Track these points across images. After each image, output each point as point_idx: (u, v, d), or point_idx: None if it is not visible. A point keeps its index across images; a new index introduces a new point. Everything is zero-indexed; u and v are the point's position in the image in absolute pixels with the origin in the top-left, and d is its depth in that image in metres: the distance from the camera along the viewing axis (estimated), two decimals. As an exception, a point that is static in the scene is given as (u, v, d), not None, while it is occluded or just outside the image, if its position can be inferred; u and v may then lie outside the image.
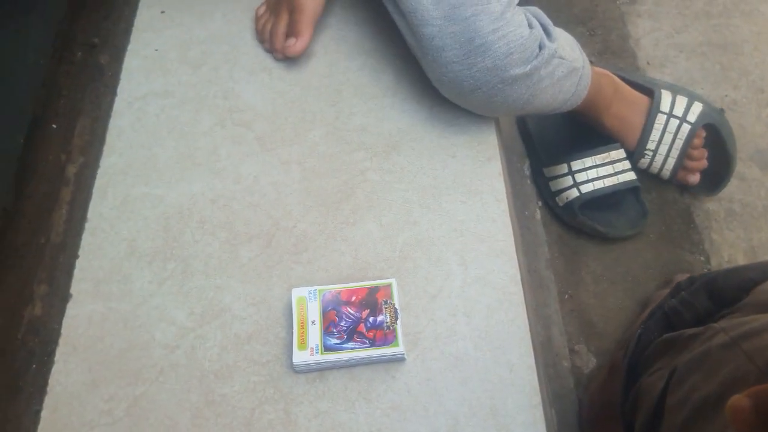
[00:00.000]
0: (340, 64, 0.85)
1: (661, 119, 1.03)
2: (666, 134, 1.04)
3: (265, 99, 0.82)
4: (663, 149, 1.05)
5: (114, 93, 0.84)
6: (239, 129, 0.80)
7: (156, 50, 0.87)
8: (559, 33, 0.76)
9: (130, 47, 0.87)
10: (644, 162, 1.06)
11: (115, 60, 0.90)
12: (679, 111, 1.04)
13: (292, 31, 0.81)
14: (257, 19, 0.87)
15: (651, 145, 1.04)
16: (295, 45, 0.80)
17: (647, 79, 1.09)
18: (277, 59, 0.85)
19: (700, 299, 0.66)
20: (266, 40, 0.85)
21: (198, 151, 0.78)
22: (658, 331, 0.69)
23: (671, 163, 1.05)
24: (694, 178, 1.07)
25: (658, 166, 1.07)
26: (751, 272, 0.62)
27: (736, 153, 1.05)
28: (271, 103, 0.82)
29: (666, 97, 1.04)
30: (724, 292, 0.64)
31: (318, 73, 0.84)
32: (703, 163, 1.06)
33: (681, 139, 1.03)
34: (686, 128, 1.03)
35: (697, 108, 1.04)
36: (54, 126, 0.85)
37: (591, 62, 0.98)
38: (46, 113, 0.85)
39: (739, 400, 0.29)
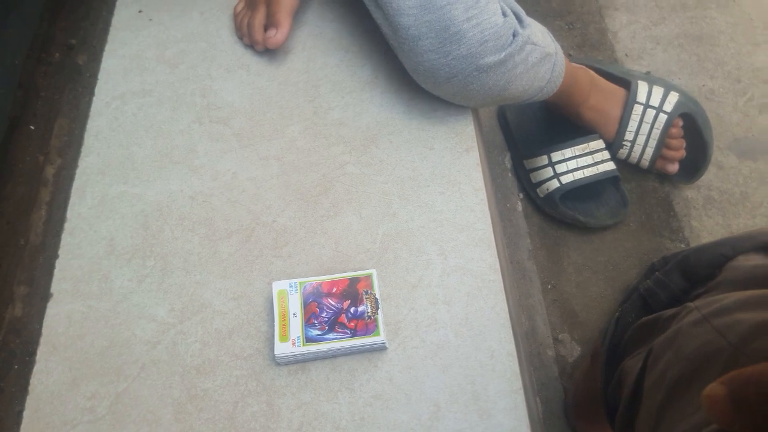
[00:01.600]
0: (318, 59, 0.85)
1: (638, 110, 1.05)
2: (643, 124, 1.05)
3: (243, 96, 0.82)
4: (641, 139, 1.06)
5: (92, 93, 0.84)
6: (217, 126, 0.80)
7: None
8: (530, 20, 0.77)
9: (107, 47, 0.87)
10: (623, 152, 1.08)
11: (92, 60, 0.90)
12: (655, 101, 1.05)
13: (270, 23, 0.82)
14: (235, 16, 0.87)
15: (629, 136, 1.06)
16: (276, 35, 0.81)
17: (624, 71, 1.11)
18: (257, 52, 0.85)
19: (674, 278, 0.67)
20: (245, 34, 0.85)
21: (176, 149, 0.78)
22: (635, 313, 0.70)
23: (649, 152, 1.06)
24: (673, 167, 1.09)
25: (637, 156, 1.08)
26: (722, 248, 0.63)
27: (713, 141, 1.06)
28: (248, 99, 0.82)
29: (642, 88, 1.05)
30: (697, 270, 0.64)
31: (296, 69, 0.84)
32: (681, 153, 1.08)
33: (658, 129, 1.05)
34: (663, 118, 1.05)
35: (673, 98, 1.05)
36: (32, 127, 0.85)
37: (569, 55, 0.99)
38: (24, 114, 0.85)
39: (714, 388, 0.29)
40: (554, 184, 1.03)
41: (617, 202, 1.07)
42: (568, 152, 1.03)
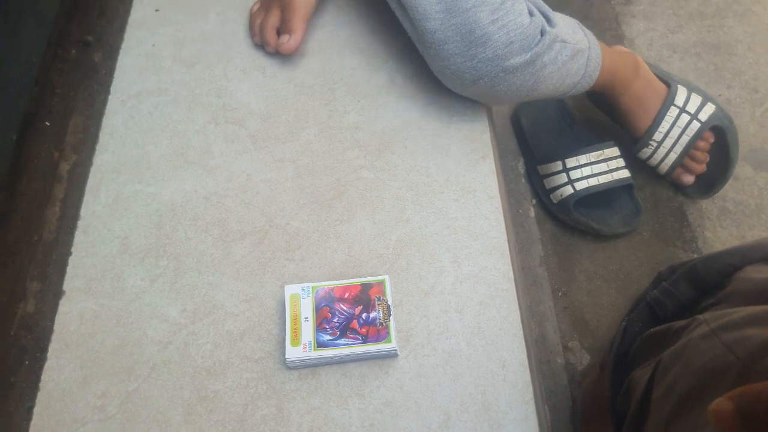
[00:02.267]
0: (334, 62, 0.85)
1: (673, 112, 1.03)
2: (675, 128, 1.03)
3: (258, 97, 0.82)
4: (668, 143, 1.04)
5: (107, 91, 0.84)
6: (232, 127, 0.80)
7: (153, 45, 0.87)
8: (559, 18, 0.76)
9: (124, 45, 0.87)
10: (646, 152, 1.06)
11: (108, 58, 0.90)
12: (692, 108, 1.03)
13: (284, 29, 0.82)
14: (251, 16, 0.87)
15: (657, 136, 1.04)
16: (289, 42, 0.81)
17: (664, 72, 1.08)
18: (268, 53, 0.85)
19: (682, 288, 0.66)
20: (256, 33, 0.85)
21: (191, 149, 0.78)
22: (642, 323, 0.69)
23: (672, 158, 1.05)
24: (689, 179, 1.07)
25: (659, 159, 1.06)
26: (731, 258, 0.62)
27: (737, 161, 1.05)
28: (264, 101, 0.82)
29: (681, 92, 1.03)
30: (706, 279, 0.64)
31: (312, 71, 0.84)
32: (702, 167, 1.07)
33: (688, 136, 1.03)
34: (695, 126, 1.03)
35: (709, 109, 1.04)
36: (47, 123, 0.85)
37: (609, 44, 0.97)
38: (40, 111, 0.85)
39: (721, 403, 0.29)
40: (568, 190, 1.03)
41: (631, 210, 1.06)
42: (583, 158, 1.03)
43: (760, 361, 0.46)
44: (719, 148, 1.06)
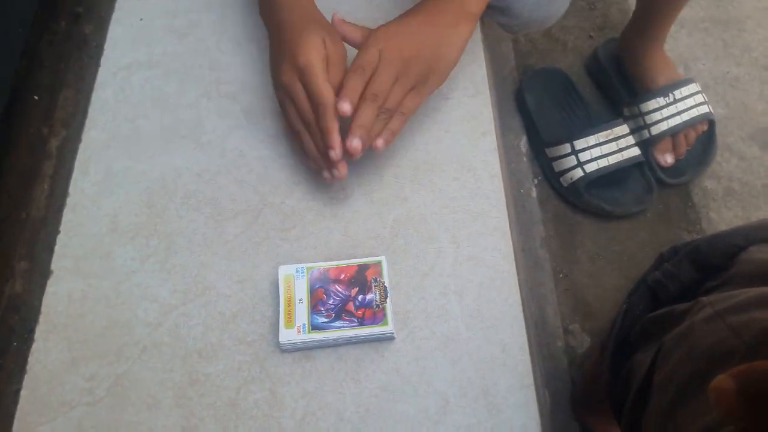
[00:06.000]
0: (331, 35, 0.82)
1: (693, 88, 1.08)
2: (690, 99, 1.07)
3: (253, 70, 0.79)
4: (680, 106, 1.06)
5: (98, 64, 0.81)
6: (225, 101, 0.77)
7: (141, 19, 0.84)
8: None
9: (114, 16, 0.84)
10: (660, 101, 1.05)
11: (99, 30, 0.87)
12: (702, 98, 1.09)
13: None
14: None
15: (678, 94, 1.06)
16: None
17: None
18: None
19: (685, 270, 0.64)
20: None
21: (183, 124, 0.76)
22: (643, 305, 0.67)
23: (677, 120, 1.05)
24: (670, 160, 1.07)
25: (662, 117, 1.06)
26: (734, 238, 0.60)
27: (711, 162, 1.10)
28: (259, 74, 0.79)
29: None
30: (709, 261, 0.62)
31: (308, 44, 0.81)
32: (683, 152, 1.08)
33: (697, 110, 1.05)
34: (703, 108, 1.06)
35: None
36: (36, 98, 0.83)
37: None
38: (28, 84, 0.83)
39: (722, 381, 0.27)
40: (578, 173, 1.00)
41: (643, 188, 1.04)
42: (591, 139, 1.00)
43: (767, 344, 0.45)
44: (706, 140, 1.11)
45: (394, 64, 0.63)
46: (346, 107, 0.61)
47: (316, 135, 0.64)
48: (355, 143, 0.61)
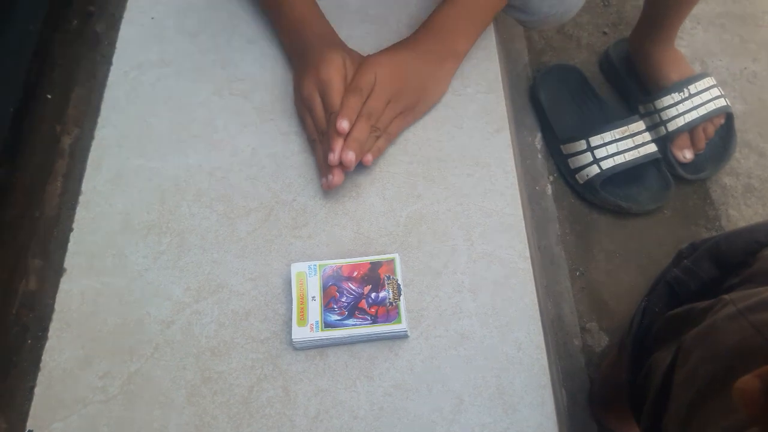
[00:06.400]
0: (343, 31, 0.81)
1: (708, 82, 1.07)
2: (705, 92, 1.06)
3: (264, 68, 0.79)
4: (696, 101, 1.05)
5: (110, 62, 0.81)
6: (237, 99, 0.77)
7: (152, 18, 0.83)
8: None
9: (126, 15, 0.84)
10: (675, 97, 1.04)
11: (111, 28, 0.87)
12: (718, 91, 1.07)
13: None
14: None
15: (693, 89, 1.05)
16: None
17: None
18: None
19: (704, 267, 0.63)
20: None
21: (195, 122, 0.76)
22: (662, 303, 0.66)
23: (694, 115, 1.03)
24: (689, 155, 1.05)
25: (678, 112, 1.04)
26: (756, 234, 0.59)
27: (730, 158, 1.09)
28: (270, 72, 0.79)
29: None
30: (729, 257, 0.60)
31: (320, 41, 0.81)
32: (703, 146, 1.06)
33: (714, 104, 1.04)
34: (722, 101, 1.05)
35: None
36: (48, 96, 0.83)
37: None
38: (40, 83, 0.83)
39: (747, 381, 0.27)
40: (594, 170, 0.99)
41: (660, 185, 1.02)
42: (607, 136, 0.99)
43: None
44: (725, 135, 1.09)
45: (387, 89, 0.69)
46: (344, 125, 0.65)
47: (326, 143, 0.67)
48: (350, 155, 0.65)
